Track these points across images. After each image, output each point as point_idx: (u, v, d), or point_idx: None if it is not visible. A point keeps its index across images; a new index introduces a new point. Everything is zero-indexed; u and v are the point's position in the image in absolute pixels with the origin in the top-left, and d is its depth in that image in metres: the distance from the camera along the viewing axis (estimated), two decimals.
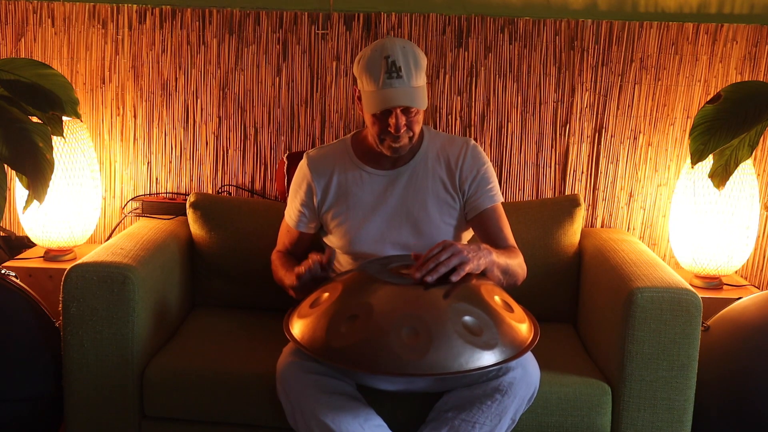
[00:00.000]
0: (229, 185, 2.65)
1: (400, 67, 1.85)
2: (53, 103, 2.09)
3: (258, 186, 2.64)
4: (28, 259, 2.48)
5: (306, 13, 2.54)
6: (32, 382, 1.99)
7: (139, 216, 2.57)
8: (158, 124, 2.63)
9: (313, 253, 1.89)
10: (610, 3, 2.51)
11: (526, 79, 2.54)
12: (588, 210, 2.61)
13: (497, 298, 1.73)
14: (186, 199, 2.42)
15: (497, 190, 2.05)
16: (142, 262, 2.00)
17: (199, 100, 2.61)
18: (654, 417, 1.90)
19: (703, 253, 2.39)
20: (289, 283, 1.92)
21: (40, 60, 2.44)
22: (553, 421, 1.87)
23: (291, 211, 2.13)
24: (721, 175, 2.17)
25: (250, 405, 1.91)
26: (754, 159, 2.54)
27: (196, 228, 2.35)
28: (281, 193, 2.49)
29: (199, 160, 2.64)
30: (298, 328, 1.71)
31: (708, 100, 2.17)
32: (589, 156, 2.59)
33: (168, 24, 2.57)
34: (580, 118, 2.56)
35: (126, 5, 2.56)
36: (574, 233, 2.33)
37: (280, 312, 1.87)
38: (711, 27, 2.49)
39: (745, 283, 2.52)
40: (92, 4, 2.57)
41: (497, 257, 1.82)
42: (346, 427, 1.66)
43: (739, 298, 2.18)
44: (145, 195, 2.65)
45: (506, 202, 2.29)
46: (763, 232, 2.61)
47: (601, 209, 2.62)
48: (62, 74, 2.17)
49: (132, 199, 2.65)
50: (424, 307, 1.63)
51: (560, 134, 2.57)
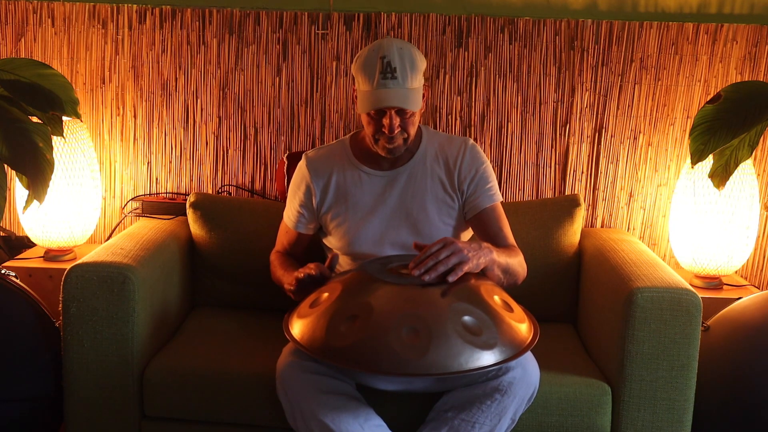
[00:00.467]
0: (229, 185, 2.65)
1: (395, 68, 1.85)
2: (53, 103, 2.09)
3: (258, 186, 2.64)
4: (28, 259, 2.48)
5: (306, 13, 2.54)
6: (32, 382, 1.99)
7: (139, 216, 2.57)
8: (158, 124, 2.63)
9: (317, 264, 1.88)
10: (610, 3, 2.51)
11: (526, 79, 2.54)
12: (588, 210, 2.61)
13: (497, 298, 1.73)
14: (186, 199, 2.42)
15: (496, 189, 2.05)
16: (142, 262, 2.00)
17: (199, 100, 2.61)
18: (654, 417, 1.90)
19: (703, 253, 2.39)
20: (288, 285, 1.92)
21: (40, 60, 2.44)
22: (553, 421, 1.87)
23: (290, 212, 2.13)
24: (721, 175, 2.17)
25: (250, 405, 1.91)
26: (754, 159, 2.54)
27: (196, 228, 2.35)
28: (281, 193, 2.49)
29: (199, 160, 2.64)
30: (297, 328, 1.71)
31: (708, 100, 2.17)
32: (589, 156, 2.59)
33: (168, 24, 2.57)
34: (580, 118, 2.56)
35: (126, 5, 2.56)
36: (574, 233, 2.33)
37: (280, 312, 1.87)
38: (711, 27, 2.49)
39: (745, 283, 2.52)
40: (92, 4, 2.57)
41: (497, 256, 1.82)
42: (346, 427, 1.66)
43: (739, 298, 2.18)
44: (145, 195, 2.65)
45: (506, 202, 2.29)
46: (763, 232, 2.61)
47: (601, 209, 2.62)
48: (62, 74, 2.17)
49: (132, 199, 2.65)
50: (424, 307, 1.63)
51: (560, 134, 2.57)
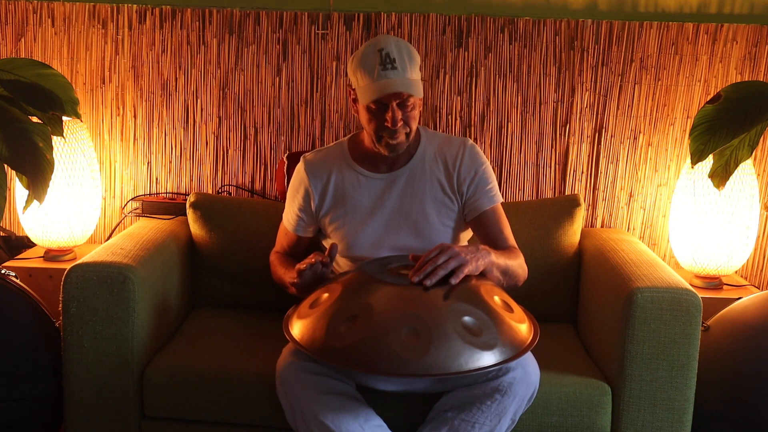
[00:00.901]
0: (229, 185, 2.65)
1: (394, 59, 1.85)
2: (53, 103, 2.09)
3: (258, 186, 2.64)
4: (28, 259, 2.48)
5: (306, 13, 2.54)
6: (32, 382, 1.99)
7: (139, 216, 2.57)
8: (158, 124, 2.63)
9: (316, 253, 1.89)
10: (610, 3, 2.51)
11: (526, 79, 2.54)
12: (588, 210, 2.61)
13: (497, 299, 1.73)
14: (186, 199, 2.42)
15: (496, 190, 2.04)
16: (142, 262, 2.00)
17: (199, 100, 2.61)
18: (654, 417, 1.90)
19: (703, 253, 2.39)
20: (290, 280, 1.92)
21: (40, 60, 2.44)
22: (553, 421, 1.87)
23: (289, 216, 2.13)
24: (721, 175, 2.17)
25: (250, 405, 1.91)
26: (754, 159, 2.54)
27: (196, 228, 2.35)
28: (281, 193, 2.49)
29: (199, 160, 2.64)
30: (297, 328, 1.71)
31: (708, 100, 2.17)
32: (589, 156, 2.59)
33: (168, 24, 2.57)
34: (580, 118, 2.56)
35: (126, 5, 2.56)
36: (574, 233, 2.33)
37: (280, 312, 1.87)
38: (711, 27, 2.49)
39: (745, 283, 2.52)
40: (92, 4, 2.57)
41: (496, 258, 1.82)
42: (346, 428, 1.66)
43: (739, 298, 2.18)
44: (145, 195, 2.65)
45: (506, 202, 2.29)
46: (763, 232, 2.61)
47: (601, 209, 2.62)
48: (62, 74, 2.17)
49: (132, 199, 2.65)
50: (424, 307, 1.63)
51: (560, 134, 2.57)
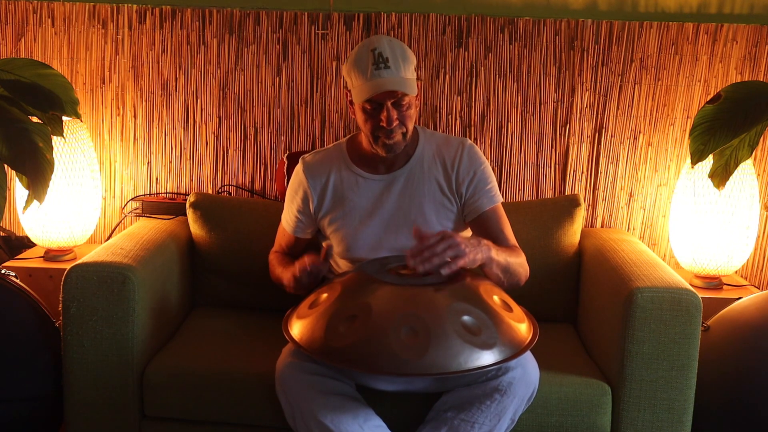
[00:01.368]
0: (229, 185, 2.65)
1: (387, 58, 1.85)
2: (53, 103, 2.09)
3: (258, 186, 2.64)
4: (28, 259, 2.48)
5: (306, 13, 2.54)
6: (32, 382, 1.99)
7: (139, 216, 2.57)
8: (158, 124, 2.63)
9: (308, 255, 1.89)
10: (610, 3, 2.51)
11: (526, 79, 2.54)
12: (588, 210, 2.61)
13: (496, 298, 1.73)
14: (186, 199, 2.42)
15: (496, 190, 2.04)
16: (142, 262, 2.00)
17: (199, 100, 2.61)
18: (654, 417, 1.90)
19: (703, 253, 2.39)
20: (287, 282, 1.93)
21: (40, 60, 2.44)
22: (553, 421, 1.87)
23: (288, 217, 2.13)
24: (721, 175, 2.17)
25: (250, 405, 1.91)
26: (754, 159, 2.54)
27: (196, 228, 2.35)
28: (281, 193, 2.49)
29: (199, 160, 2.64)
30: (297, 328, 1.71)
31: (708, 100, 2.17)
32: (589, 156, 2.59)
33: (168, 24, 2.57)
34: (580, 118, 2.56)
35: (126, 5, 2.56)
36: (574, 233, 2.33)
37: (280, 312, 1.87)
38: (711, 27, 2.49)
39: (745, 283, 2.52)
40: (92, 4, 2.57)
41: (496, 254, 1.82)
42: (346, 428, 1.66)
43: (739, 298, 2.18)
44: (145, 195, 2.65)
45: (506, 202, 2.29)
46: (763, 232, 2.61)
47: (601, 209, 2.62)
48: (62, 74, 2.17)
49: (132, 199, 2.65)
50: (423, 307, 1.63)
51: (560, 134, 2.57)
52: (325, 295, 1.74)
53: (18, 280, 2.12)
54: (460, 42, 2.53)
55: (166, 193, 2.66)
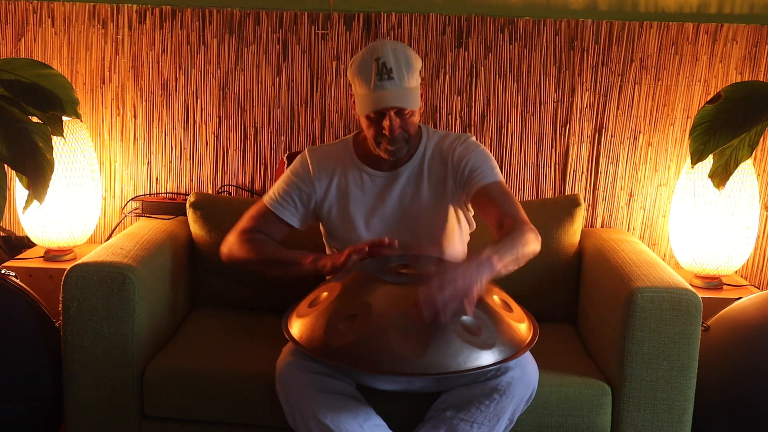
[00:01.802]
0: (229, 185, 2.65)
1: (391, 69, 1.83)
2: (53, 103, 2.09)
3: (258, 186, 2.64)
4: (28, 259, 2.48)
5: (306, 13, 2.54)
6: (32, 382, 1.99)
7: (139, 216, 2.57)
8: (158, 124, 2.63)
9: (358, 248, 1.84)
10: (610, 3, 2.51)
11: (526, 79, 2.54)
12: (588, 210, 2.61)
13: (496, 298, 1.73)
14: (186, 199, 2.42)
15: (493, 170, 1.95)
16: (142, 262, 2.00)
17: (199, 100, 2.61)
18: (654, 417, 1.90)
19: (703, 253, 2.39)
20: (299, 259, 1.89)
21: (40, 60, 2.44)
22: (553, 421, 1.87)
23: (278, 197, 2.05)
24: (721, 175, 2.17)
25: (250, 405, 1.91)
26: (754, 159, 2.54)
27: (196, 228, 2.35)
28: None
29: (199, 160, 2.64)
30: (297, 327, 1.71)
31: (708, 100, 2.17)
32: (589, 156, 2.59)
33: (168, 24, 2.57)
34: (580, 118, 2.56)
35: (126, 5, 2.56)
36: (574, 233, 2.33)
37: (280, 312, 1.87)
38: (711, 27, 2.49)
39: (745, 283, 2.52)
40: (92, 4, 2.57)
41: (501, 257, 1.68)
42: (345, 427, 1.66)
43: (739, 298, 2.18)
44: (145, 195, 2.65)
45: None
46: (763, 232, 2.61)
47: (601, 209, 2.62)
48: (62, 74, 2.17)
49: (132, 199, 2.65)
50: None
51: (560, 134, 2.57)
52: (325, 294, 1.74)
53: (18, 280, 2.12)
54: (460, 42, 2.53)
55: (166, 193, 2.66)
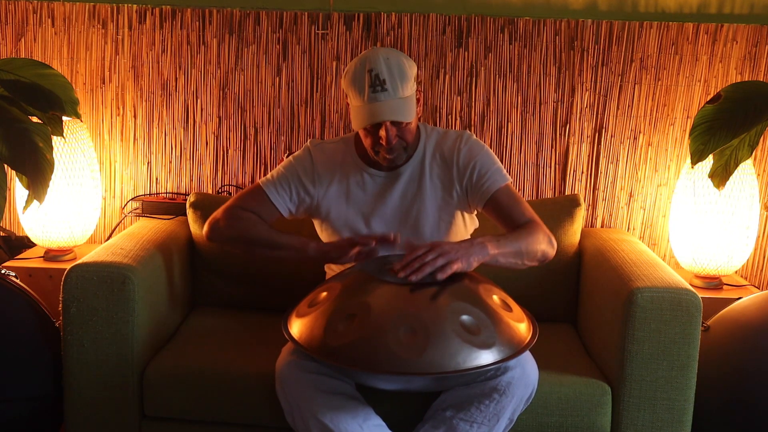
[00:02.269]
0: (229, 185, 2.65)
1: (384, 80, 1.82)
2: (53, 103, 2.09)
3: None
4: (28, 259, 2.48)
5: (306, 13, 2.54)
6: (32, 382, 1.99)
7: (139, 216, 2.57)
8: (158, 124, 2.63)
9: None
10: (610, 3, 2.51)
11: (526, 79, 2.54)
12: (588, 210, 2.61)
13: (495, 298, 1.73)
14: (186, 199, 2.42)
15: (501, 172, 1.98)
16: (142, 262, 2.00)
17: (199, 100, 2.61)
18: (654, 417, 1.90)
19: (703, 253, 2.39)
20: (298, 245, 1.90)
21: (40, 60, 2.44)
22: (553, 421, 1.87)
23: (276, 181, 2.03)
24: (721, 175, 2.17)
25: (250, 405, 1.91)
26: (754, 159, 2.54)
27: (196, 228, 2.35)
28: None
29: (199, 160, 2.64)
30: (296, 327, 1.71)
31: (708, 100, 2.17)
32: (589, 156, 2.59)
33: (168, 24, 2.57)
34: (580, 118, 2.56)
35: (126, 5, 2.56)
36: (574, 233, 2.33)
37: (280, 311, 1.87)
38: (711, 27, 2.49)
39: (745, 283, 2.52)
40: (92, 4, 2.57)
41: (498, 247, 1.77)
42: (345, 427, 1.66)
43: (739, 298, 2.18)
44: (145, 195, 2.65)
45: None
46: (763, 232, 2.61)
47: (601, 209, 2.62)
48: (62, 74, 2.17)
49: (132, 199, 2.65)
50: (422, 306, 1.63)
51: (560, 134, 2.57)
52: (325, 294, 1.74)
53: (18, 280, 2.12)
54: (460, 42, 2.53)
55: (166, 193, 2.66)
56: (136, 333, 1.92)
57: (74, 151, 2.41)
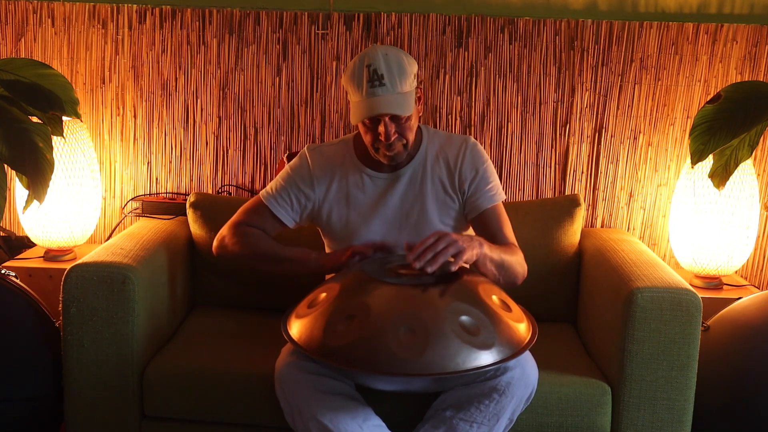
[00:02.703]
0: (229, 185, 2.65)
1: (382, 75, 1.83)
2: (53, 103, 2.09)
3: (258, 186, 2.64)
4: (28, 259, 2.48)
5: (306, 13, 2.54)
6: (32, 382, 1.99)
7: (139, 216, 2.57)
8: (158, 124, 2.63)
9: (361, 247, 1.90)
10: (610, 3, 2.51)
11: (526, 79, 2.54)
12: (588, 210, 2.61)
13: (495, 298, 1.73)
14: (186, 199, 2.43)
15: (497, 189, 2.03)
16: (142, 262, 2.00)
17: (199, 100, 2.61)
18: (654, 417, 1.90)
19: (703, 253, 2.39)
20: (299, 256, 1.94)
21: (40, 60, 2.44)
22: (553, 421, 1.87)
23: (276, 193, 2.04)
24: (721, 175, 2.17)
25: (250, 405, 1.91)
26: (754, 159, 2.54)
27: (196, 228, 2.35)
28: None
29: (199, 160, 2.64)
30: (296, 328, 1.71)
31: (708, 100, 2.17)
32: (589, 156, 2.59)
33: (168, 24, 2.57)
34: (580, 118, 2.56)
35: (126, 5, 2.56)
36: (574, 233, 2.33)
37: (279, 312, 1.87)
38: (711, 27, 2.49)
39: (745, 283, 2.52)
40: (92, 4, 2.57)
41: (489, 250, 1.81)
42: (345, 427, 1.66)
43: (739, 298, 2.18)
44: (145, 195, 2.65)
45: (506, 202, 2.28)
46: (763, 232, 2.61)
47: (601, 209, 2.62)
48: (62, 74, 2.17)
49: (132, 199, 2.66)
50: (422, 307, 1.63)
51: (560, 134, 2.57)
52: (324, 295, 1.74)
53: (18, 280, 2.12)
54: (460, 42, 2.53)
55: (166, 193, 2.66)
56: (136, 333, 1.93)
57: (74, 151, 2.41)
